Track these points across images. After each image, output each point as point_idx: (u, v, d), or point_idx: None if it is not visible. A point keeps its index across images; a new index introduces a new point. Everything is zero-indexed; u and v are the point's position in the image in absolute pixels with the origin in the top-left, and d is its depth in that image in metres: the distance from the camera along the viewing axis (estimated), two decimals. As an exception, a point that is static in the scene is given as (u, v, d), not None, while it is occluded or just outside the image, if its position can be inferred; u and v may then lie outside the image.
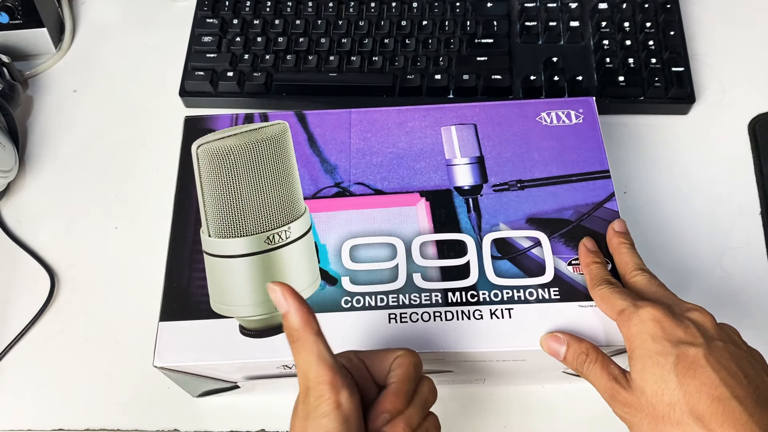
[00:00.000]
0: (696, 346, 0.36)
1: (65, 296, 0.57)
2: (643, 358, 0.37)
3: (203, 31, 0.65)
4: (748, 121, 0.61)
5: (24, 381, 0.54)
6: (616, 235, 0.44)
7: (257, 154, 0.46)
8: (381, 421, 0.34)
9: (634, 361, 0.37)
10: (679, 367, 0.35)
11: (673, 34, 0.61)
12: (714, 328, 0.37)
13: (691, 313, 0.38)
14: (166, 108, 0.64)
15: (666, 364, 0.35)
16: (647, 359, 0.36)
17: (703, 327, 0.37)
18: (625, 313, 0.38)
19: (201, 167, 0.46)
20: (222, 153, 0.44)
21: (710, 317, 0.38)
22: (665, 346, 0.36)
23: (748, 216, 0.56)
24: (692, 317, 0.38)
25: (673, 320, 0.37)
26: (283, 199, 0.46)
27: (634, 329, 0.38)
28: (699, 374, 0.35)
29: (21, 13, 0.65)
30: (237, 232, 0.45)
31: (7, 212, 0.61)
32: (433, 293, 0.43)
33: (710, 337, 0.37)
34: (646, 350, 0.37)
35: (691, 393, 0.34)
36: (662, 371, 0.35)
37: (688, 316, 0.38)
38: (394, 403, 0.35)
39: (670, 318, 0.37)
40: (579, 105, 0.50)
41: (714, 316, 0.38)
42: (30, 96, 0.67)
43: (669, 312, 0.37)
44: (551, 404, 0.51)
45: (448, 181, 0.47)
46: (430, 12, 0.64)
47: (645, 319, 0.37)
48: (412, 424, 0.35)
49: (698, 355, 0.35)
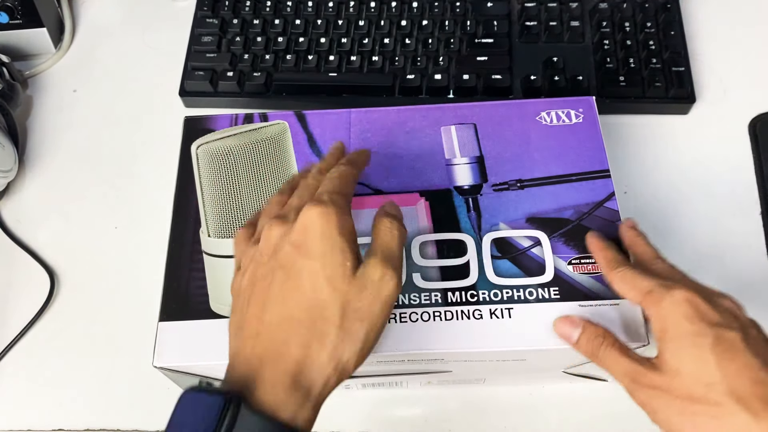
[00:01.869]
0: (733, 329, 0.35)
1: (65, 296, 0.57)
2: (679, 338, 0.35)
3: (203, 31, 0.65)
4: (748, 121, 0.60)
5: (24, 381, 0.54)
6: (630, 229, 0.43)
7: (257, 154, 0.47)
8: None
9: (667, 341, 0.36)
10: (718, 348, 0.34)
11: (673, 34, 0.61)
12: (745, 317, 0.37)
13: (722, 299, 0.37)
14: (166, 108, 0.64)
15: (704, 345, 0.34)
16: (683, 339, 0.35)
17: (735, 313, 0.37)
18: (654, 294, 0.37)
19: (201, 167, 0.46)
20: (222, 153, 0.45)
21: (740, 306, 0.38)
22: (702, 327, 0.35)
23: (748, 216, 0.56)
24: (724, 303, 0.37)
25: (707, 303, 0.36)
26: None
27: (667, 310, 0.36)
28: (739, 357, 0.34)
29: (21, 13, 0.65)
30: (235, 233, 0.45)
31: (7, 212, 0.61)
32: (432, 293, 0.43)
33: (744, 323, 0.36)
34: (682, 330, 0.35)
35: (732, 375, 0.33)
36: (701, 352, 0.34)
37: (719, 302, 0.37)
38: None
39: (704, 301, 0.36)
40: (579, 104, 0.50)
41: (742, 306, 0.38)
42: (30, 96, 0.67)
43: (702, 294, 0.37)
44: (551, 404, 0.51)
45: (447, 180, 0.47)
46: (430, 12, 0.64)
47: (679, 300, 0.36)
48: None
49: (736, 339, 0.34)
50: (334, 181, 0.36)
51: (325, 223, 0.33)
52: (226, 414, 0.29)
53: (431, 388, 0.51)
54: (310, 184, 0.38)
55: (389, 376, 0.48)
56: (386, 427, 0.51)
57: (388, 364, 0.44)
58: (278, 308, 0.33)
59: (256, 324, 0.33)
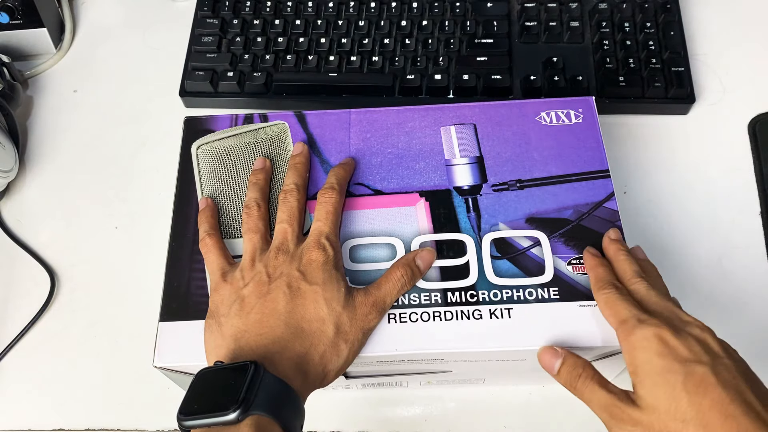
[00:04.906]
0: (702, 364, 0.36)
1: (65, 296, 0.57)
2: (652, 375, 0.36)
3: (203, 31, 0.65)
4: (748, 121, 0.61)
5: (24, 381, 0.54)
6: (613, 243, 0.44)
7: (257, 154, 0.47)
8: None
9: (642, 377, 0.37)
10: (689, 385, 0.35)
11: (673, 34, 0.61)
12: (716, 344, 0.37)
13: (692, 328, 0.38)
14: (166, 108, 0.64)
15: (676, 383, 0.35)
16: (656, 376, 0.36)
17: (705, 343, 0.37)
18: (628, 325, 0.38)
19: (201, 167, 0.46)
20: (222, 153, 0.45)
21: (710, 332, 0.38)
22: (672, 364, 0.36)
23: (748, 216, 0.56)
24: (694, 333, 0.38)
25: (677, 338, 0.37)
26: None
27: (638, 344, 0.37)
28: (709, 392, 0.35)
29: (21, 13, 0.65)
30: (237, 233, 0.46)
31: (7, 212, 0.61)
32: (432, 293, 0.43)
33: (714, 354, 0.37)
34: (654, 367, 0.36)
35: (704, 411, 0.34)
36: (673, 389, 0.35)
37: (689, 331, 0.38)
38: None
39: (674, 335, 0.37)
40: (579, 105, 0.50)
41: (713, 331, 0.38)
42: (30, 96, 0.67)
43: (672, 329, 0.37)
44: (551, 404, 0.51)
45: (447, 181, 0.47)
46: (430, 12, 0.64)
47: (649, 336, 0.37)
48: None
49: (706, 374, 0.35)
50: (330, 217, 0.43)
51: (326, 260, 0.41)
52: (251, 373, 0.35)
53: (431, 388, 0.51)
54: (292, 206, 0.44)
55: (389, 376, 0.48)
56: (386, 427, 0.51)
57: (388, 364, 0.44)
58: (284, 317, 0.39)
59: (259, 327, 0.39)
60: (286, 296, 0.40)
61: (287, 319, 0.39)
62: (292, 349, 0.38)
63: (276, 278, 0.41)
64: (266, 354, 0.38)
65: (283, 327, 0.39)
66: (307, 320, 0.39)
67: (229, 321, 0.40)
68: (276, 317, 0.39)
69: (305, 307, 0.40)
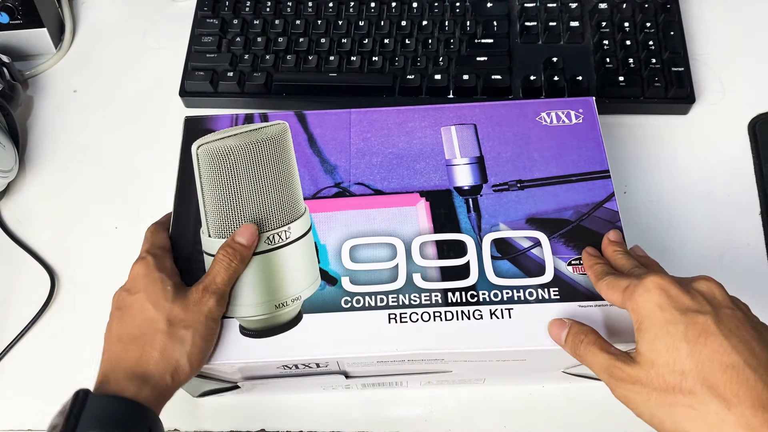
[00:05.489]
0: (704, 313, 0.35)
1: (65, 296, 0.57)
2: (653, 328, 0.35)
3: (203, 31, 0.65)
4: (748, 121, 0.61)
5: (24, 381, 0.54)
6: (611, 244, 0.44)
7: (257, 154, 0.46)
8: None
9: (643, 332, 0.36)
10: (689, 334, 0.34)
11: (673, 34, 0.61)
12: (722, 296, 0.36)
13: (697, 283, 0.37)
14: (166, 108, 0.64)
15: (676, 333, 0.34)
16: (657, 329, 0.35)
17: (709, 295, 0.36)
18: (629, 288, 0.37)
19: (201, 167, 0.46)
20: (222, 153, 0.44)
21: (718, 285, 0.37)
22: (674, 314, 0.35)
23: (748, 216, 0.56)
24: (698, 287, 0.37)
25: (679, 288, 0.36)
26: (283, 199, 0.46)
27: (640, 300, 0.36)
28: (710, 342, 0.34)
29: (21, 13, 0.65)
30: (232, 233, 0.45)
31: (7, 212, 0.61)
32: (432, 293, 0.43)
33: (718, 304, 0.36)
34: (655, 320, 0.35)
35: (703, 361, 0.33)
36: (673, 340, 0.34)
37: (694, 286, 0.37)
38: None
39: (676, 286, 0.36)
40: (579, 105, 0.50)
41: (722, 285, 0.37)
42: (30, 96, 0.67)
43: (674, 280, 0.37)
44: (551, 404, 0.51)
45: (447, 181, 0.47)
46: (430, 12, 0.64)
47: (650, 288, 0.36)
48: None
49: (708, 322, 0.34)
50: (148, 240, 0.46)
51: (146, 268, 0.43)
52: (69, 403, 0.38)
53: (431, 388, 0.51)
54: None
55: (389, 376, 0.48)
56: (386, 427, 0.51)
57: (388, 364, 0.44)
58: (116, 334, 0.42)
59: (106, 348, 0.43)
60: (117, 316, 0.43)
61: (119, 335, 0.42)
62: (125, 360, 0.41)
63: (113, 306, 0.44)
64: (102, 376, 0.41)
65: (115, 344, 0.42)
66: (137, 326, 0.42)
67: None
68: (110, 338, 0.43)
69: (133, 317, 0.42)
